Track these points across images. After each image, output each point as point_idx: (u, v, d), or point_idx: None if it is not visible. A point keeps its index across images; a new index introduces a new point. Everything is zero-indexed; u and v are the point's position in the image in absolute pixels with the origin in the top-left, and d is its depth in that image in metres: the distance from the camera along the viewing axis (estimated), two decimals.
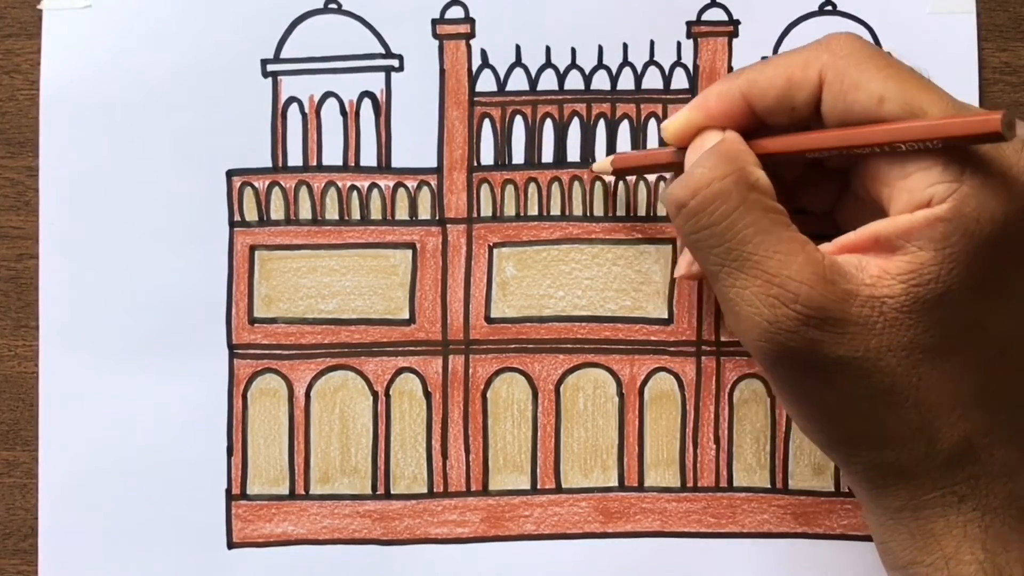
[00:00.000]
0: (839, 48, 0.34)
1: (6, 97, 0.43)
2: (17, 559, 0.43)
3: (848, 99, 0.34)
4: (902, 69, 0.34)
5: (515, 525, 0.43)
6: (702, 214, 0.34)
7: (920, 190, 0.33)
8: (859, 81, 0.34)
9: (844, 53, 0.34)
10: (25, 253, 0.43)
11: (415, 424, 0.43)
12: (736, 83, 0.36)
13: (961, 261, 0.32)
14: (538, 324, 0.43)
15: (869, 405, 0.34)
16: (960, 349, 0.33)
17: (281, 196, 0.43)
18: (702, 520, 0.43)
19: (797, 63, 0.35)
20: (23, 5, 0.43)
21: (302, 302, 0.43)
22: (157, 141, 0.43)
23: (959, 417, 0.34)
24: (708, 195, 0.34)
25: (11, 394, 0.43)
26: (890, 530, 0.35)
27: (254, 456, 0.43)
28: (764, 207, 0.34)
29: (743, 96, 0.36)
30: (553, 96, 0.43)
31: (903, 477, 0.34)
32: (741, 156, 0.35)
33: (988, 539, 0.34)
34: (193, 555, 0.42)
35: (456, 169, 0.43)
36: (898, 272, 0.33)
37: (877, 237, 0.33)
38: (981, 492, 0.34)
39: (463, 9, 0.43)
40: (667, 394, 0.43)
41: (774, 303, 0.33)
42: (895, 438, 0.34)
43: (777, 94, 0.35)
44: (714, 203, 0.34)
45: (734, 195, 0.34)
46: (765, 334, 0.34)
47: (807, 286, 0.33)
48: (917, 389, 0.33)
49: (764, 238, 0.33)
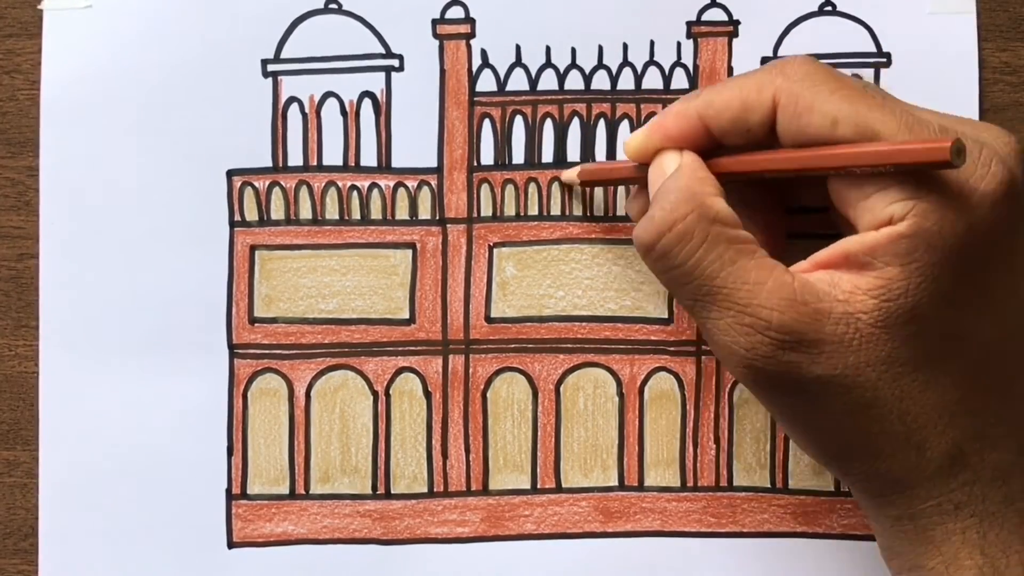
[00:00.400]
0: (793, 71, 0.35)
1: (6, 97, 0.43)
2: (17, 559, 0.43)
3: (802, 122, 0.34)
4: (856, 90, 0.34)
5: (515, 525, 0.43)
6: (668, 256, 0.35)
7: (880, 209, 0.33)
8: (812, 103, 0.34)
9: (798, 77, 0.35)
10: (25, 253, 0.43)
11: (415, 424, 0.43)
12: (693, 104, 0.36)
13: (928, 275, 0.33)
14: (538, 324, 0.43)
15: (854, 420, 0.34)
16: (939, 359, 0.34)
17: (281, 196, 0.43)
18: (702, 520, 0.43)
19: (751, 86, 0.35)
20: (23, 5, 0.43)
21: (302, 302, 0.43)
22: (157, 141, 0.43)
23: (946, 425, 0.34)
24: (672, 238, 0.34)
25: (11, 394, 0.43)
26: (892, 537, 0.36)
27: (254, 456, 0.43)
28: (727, 239, 0.34)
29: (699, 117, 0.36)
30: (553, 96, 0.43)
31: (898, 487, 0.35)
32: (699, 189, 0.35)
33: (987, 544, 0.34)
34: (193, 555, 0.42)
35: (456, 169, 0.43)
36: (869, 288, 0.33)
37: (847, 254, 0.34)
38: (977, 498, 0.34)
39: (463, 9, 0.43)
40: (667, 394, 0.43)
41: (748, 331, 0.34)
42: (884, 450, 0.34)
43: (732, 116, 0.36)
44: (678, 245, 0.34)
45: (696, 233, 0.34)
46: (743, 361, 0.34)
47: (778, 312, 0.33)
48: (900, 401, 0.34)
49: (730, 270, 0.34)
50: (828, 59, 0.42)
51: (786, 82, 0.35)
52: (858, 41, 0.43)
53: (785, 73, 0.35)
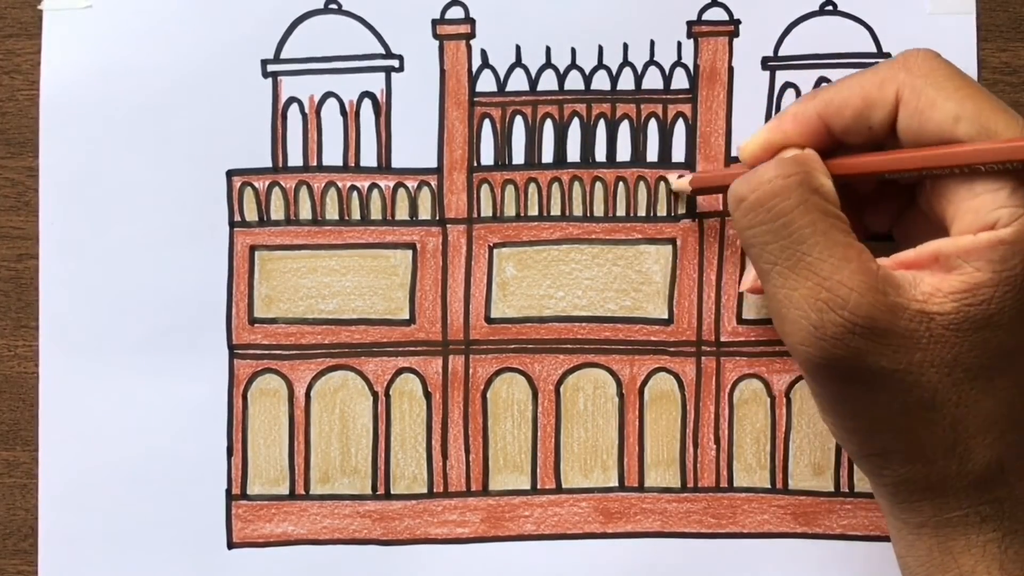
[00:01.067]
0: (917, 66, 0.35)
1: (6, 97, 0.43)
2: (17, 559, 0.43)
3: (924, 117, 0.34)
4: (978, 90, 0.34)
5: (515, 525, 0.43)
6: (760, 209, 0.34)
7: (986, 211, 0.33)
8: (935, 100, 0.34)
9: (922, 72, 0.35)
10: (25, 253, 0.43)
11: (415, 424, 0.43)
12: (812, 104, 0.36)
13: (1015, 285, 0.33)
14: (538, 324, 0.43)
15: (906, 419, 0.34)
16: (1002, 371, 0.34)
17: (281, 196, 0.43)
18: (702, 520, 0.43)
19: (873, 82, 0.35)
20: (23, 5, 0.43)
21: (302, 302, 0.43)
22: (157, 141, 0.43)
23: (994, 439, 0.34)
24: (768, 190, 0.34)
25: (11, 394, 0.43)
26: (910, 544, 0.36)
27: (254, 456, 0.43)
28: (823, 210, 0.34)
29: (819, 117, 0.36)
30: (553, 96, 0.43)
31: (930, 494, 0.35)
32: (810, 162, 0.35)
33: (1007, 560, 0.34)
34: (193, 555, 0.43)
35: (456, 169, 0.43)
36: (951, 290, 0.33)
37: (937, 255, 0.34)
38: (1005, 514, 0.34)
39: (463, 9, 0.43)
40: (667, 394, 0.43)
41: (822, 307, 0.33)
42: (928, 454, 0.34)
43: (853, 113, 0.36)
44: (774, 199, 0.34)
45: (795, 193, 0.34)
46: (810, 338, 0.34)
47: (857, 293, 0.33)
48: (956, 407, 0.33)
49: (820, 239, 0.34)
50: (828, 59, 0.43)
51: (909, 77, 0.35)
52: (858, 41, 0.43)
53: (908, 68, 0.35)
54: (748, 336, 0.43)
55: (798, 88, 0.43)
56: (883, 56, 0.43)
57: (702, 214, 0.43)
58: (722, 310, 0.43)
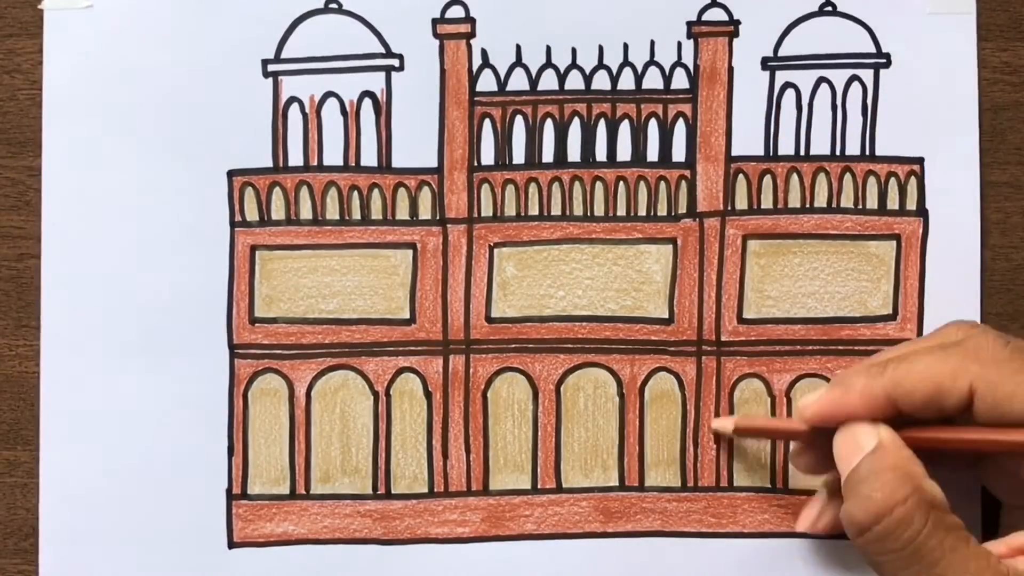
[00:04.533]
0: (986, 355, 0.35)
1: (7, 97, 0.43)
2: (17, 559, 0.43)
3: (1003, 409, 0.35)
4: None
5: (515, 525, 0.43)
6: (887, 539, 0.34)
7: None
8: (1014, 393, 0.35)
9: (992, 361, 0.35)
10: (26, 253, 0.43)
11: (415, 424, 0.43)
12: (880, 382, 0.36)
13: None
14: (538, 324, 0.43)
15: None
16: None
17: (282, 196, 0.43)
18: (702, 520, 0.43)
19: (944, 372, 0.36)
20: (24, 5, 0.43)
21: (303, 302, 0.43)
22: (158, 141, 0.43)
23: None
24: (892, 522, 0.34)
25: (12, 394, 0.43)
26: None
27: (255, 456, 0.43)
28: (946, 526, 0.34)
29: (888, 396, 0.36)
30: (553, 96, 0.43)
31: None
32: (913, 472, 0.35)
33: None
34: (193, 555, 0.42)
35: (456, 169, 0.43)
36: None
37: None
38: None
39: (463, 9, 0.43)
40: (667, 394, 0.43)
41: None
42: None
43: (924, 399, 0.36)
44: (898, 529, 0.34)
45: (917, 519, 0.34)
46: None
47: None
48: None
49: (951, 559, 0.34)
50: (828, 59, 0.43)
51: (982, 369, 0.35)
52: (858, 41, 0.43)
53: (979, 359, 0.35)
54: (749, 336, 0.43)
55: (798, 88, 0.43)
56: (882, 56, 0.43)
57: (702, 214, 0.43)
58: (723, 310, 0.43)
